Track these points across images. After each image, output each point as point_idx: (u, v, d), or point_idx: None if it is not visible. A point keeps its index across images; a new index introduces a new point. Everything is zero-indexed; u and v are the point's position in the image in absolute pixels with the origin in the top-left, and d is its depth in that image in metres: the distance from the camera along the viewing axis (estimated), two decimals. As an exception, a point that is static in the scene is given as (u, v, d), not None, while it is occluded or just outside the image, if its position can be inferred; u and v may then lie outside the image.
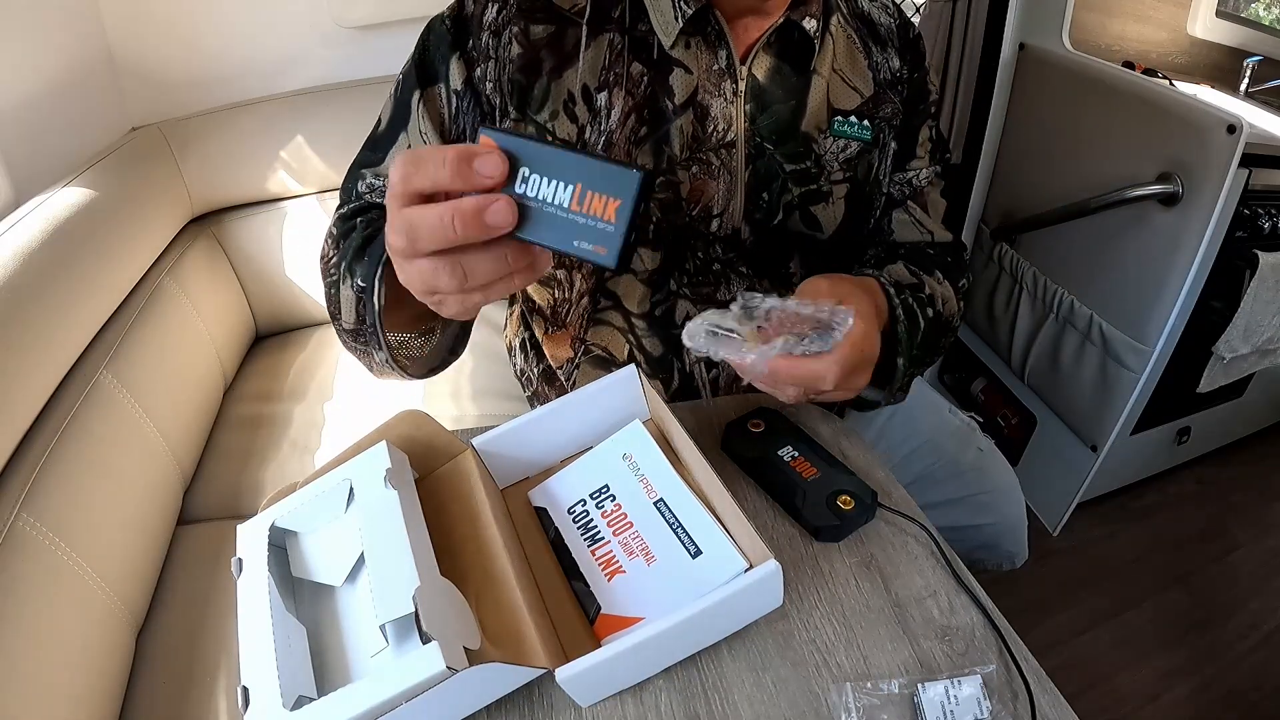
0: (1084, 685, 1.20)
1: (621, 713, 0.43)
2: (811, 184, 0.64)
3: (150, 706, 0.74)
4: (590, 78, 0.59)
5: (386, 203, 0.36)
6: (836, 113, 0.64)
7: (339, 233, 0.60)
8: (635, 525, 0.49)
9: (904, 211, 0.70)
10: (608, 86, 0.59)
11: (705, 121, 0.60)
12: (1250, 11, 1.60)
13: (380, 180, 0.62)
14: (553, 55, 0.59)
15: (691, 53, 0.59)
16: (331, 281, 0.58)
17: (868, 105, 0.65)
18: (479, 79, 0.59)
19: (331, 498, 0.48)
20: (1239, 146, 0.93)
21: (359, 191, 0.63)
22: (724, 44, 0.59)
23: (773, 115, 0.62)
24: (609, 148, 0.60)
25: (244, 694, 0.39)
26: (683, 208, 0.62)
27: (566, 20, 0.59)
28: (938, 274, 0.66)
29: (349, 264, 0.55)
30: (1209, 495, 1.55)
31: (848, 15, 0.65)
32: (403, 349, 0.57)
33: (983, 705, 0.42)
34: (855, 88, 0.65)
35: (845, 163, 0.65)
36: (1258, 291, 1.12)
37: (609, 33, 0.59)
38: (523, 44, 0.58)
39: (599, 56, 0.59)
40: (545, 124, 0.59)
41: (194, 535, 0.93)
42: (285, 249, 1.25)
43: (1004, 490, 0.83)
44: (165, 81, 1.16)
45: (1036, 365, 1.36)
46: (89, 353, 0.85)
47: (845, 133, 0.64)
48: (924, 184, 0.70)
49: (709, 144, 0.61)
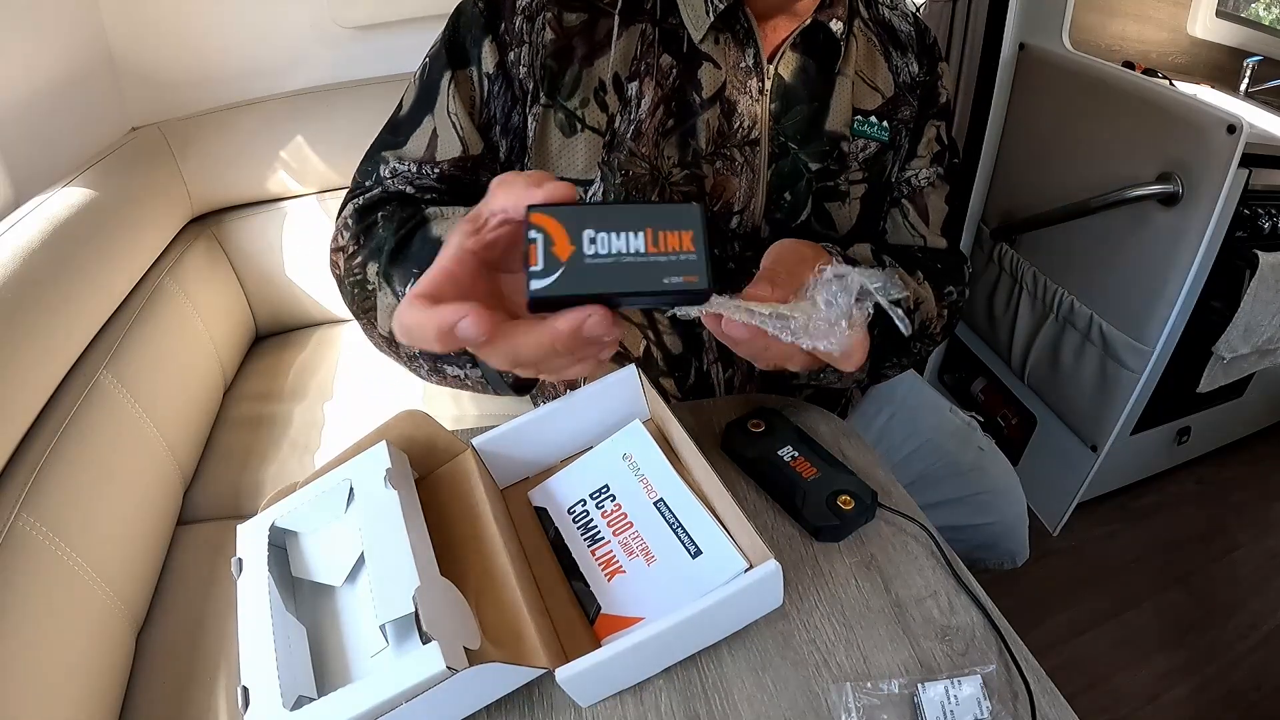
0: (1084, 685, 1.20)
1: (621, 713, 0.43)
2: (829, 181, 0.65)
3: (150, 706, 0.74)
4: (621, 67, 0.59)
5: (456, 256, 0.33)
6: (858, 112, 0.64)
7: (358, 226, 0.58)
8: (635, 525, 0.49)
9: (899, 211, 0.70)
10: (639, 76, 0.59)
11: (731, 117, 0.61)
12: (1250, 11, 1.60)
13: (404, 165, 0.60)
14: (585, 43, 0.59)
15: (720, 48, 0.60)
16: (356, 281, 0.56)
17: (887, 106, 0.66)
18: (512, 63, 0.58)
19: (331, 498, 0.48)
20: (1239, 146, 0.93)
21: (381, 175, 0.61)
22: (752, 42, 0.60)
23: (796, 115, 0.62)
24: (638, 137, 0.60)
25: (244, 694, 0.39)
26: (705, 201, 0.63)
27: (599, 10, 0.59)
28: (919, 274, 0.66)
29: (384, 269, 0.53)
30: (1209, 495, 1.55)
31: (868, 20, 0.66)
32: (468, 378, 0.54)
33: (983, 705, 0.42)
34: (876, 88, 0.65)
35: (865, 162, 0.65)
36: (1258, 291, 1.12)
37: (641, 23, 0.59)
38: (556, 30, 0.58)
39: (631, 46, 0.59)
40: (575, 110, 0.60)
41: (194, 535, 0.93)
42: (285, 249, 1.25)
43: (1004, 490, 0.83)
44: (165, 81, 1.16)
45: (1036, 365, 1.36)
46: (89, 353, 0.85)
47: (865, 132, 0.65)
48: (923, 184, 0.69)
49: (734, 140, 0.61)
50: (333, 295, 1.31)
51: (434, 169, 0.60)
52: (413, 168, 0.60)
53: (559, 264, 0.31)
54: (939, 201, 0.70)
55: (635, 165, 0.61)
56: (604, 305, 0.32)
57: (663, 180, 0.62)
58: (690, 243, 0.32)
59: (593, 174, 0.61)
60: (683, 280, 0.32)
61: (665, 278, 0.32)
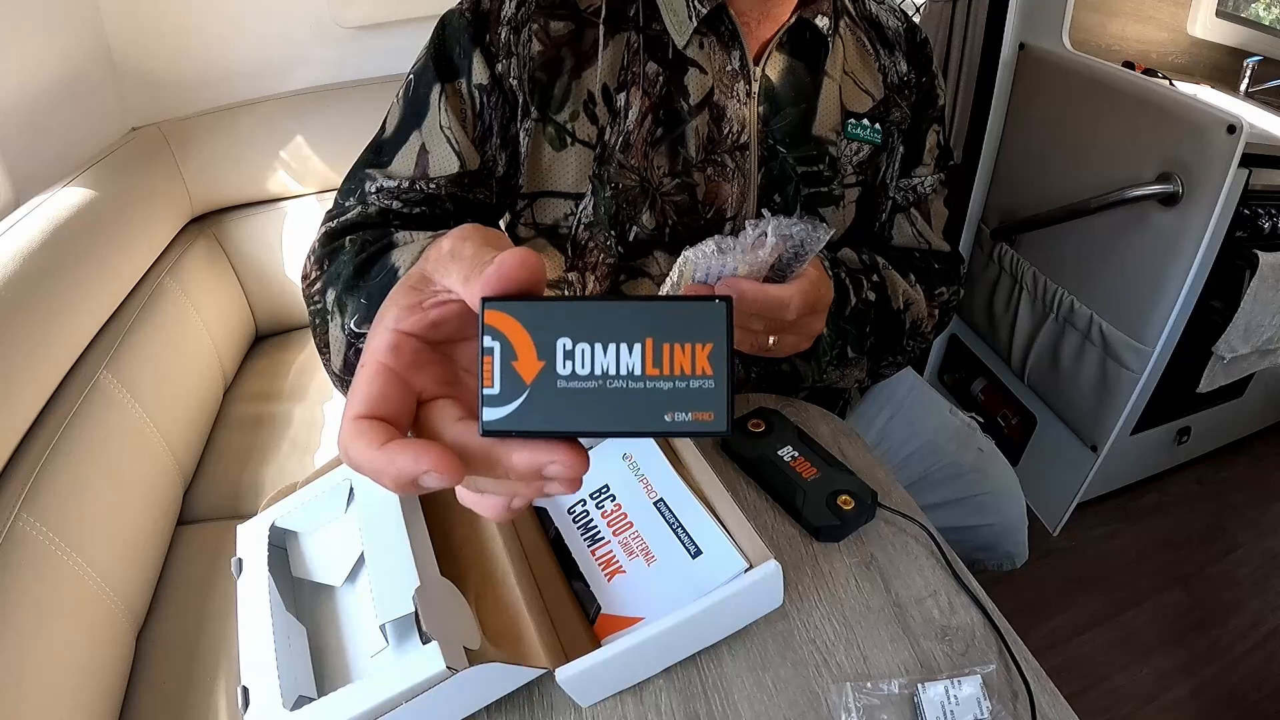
0: (1084, 685, 1.20)
1: (621, 713, 0.43)
2: (821, 187, 0.64)
3: (150, 706, 0.74)
4: (610, 77, 0.58)
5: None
6: (849, 115, 0.64)
7: (323, 251, 0.55)
8: (635, 525, 0.49)
9: (905, 218, 0.70)
10: (626, 87, 0.58)
11: (721, 123, 0.60)
12: (1250, 11, 1.60)
13: (393, 182, 0.58)
14: (573, 54, 0.58)
15: (705, 53, 0.59)
16: (317, 310, 0.53)
17: (878, 108, 0.65)
18: (502, 74, 0.57)
19: (331, 498, 0.48)
20: (1239, 146, 0.93)
21: (365, 192, 0.59)
22: (737, 44, 0.59)
23: (784, 118, 0.62)
24: (626, 149, 0.59)
25: (244, 694, 0.39)
26: (698, 210, 0.62)
27: (585, 19, 0.58)
28: (911, 277, 0.66)
29: (339, 296, 0.50)
30: (1209, 495, 1.55)
31: (856, 17, 0.65)
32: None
33: (983, 705, 0.42)
34: (867, 90, 0.65)
35: (858, 166, 0.65)
36: (1258, 291, 1.12)
37: (625, 31, 0.58)
38: (543, 41, 0.57)
39: (618, 56, 0.58)
40: (565, 124, 0.59)
41: (194, 535, 0.93)
42: (285, 249, 1.25)
43: (1004, 491, 0.83)
44: (165, 81, 1.16)
45: (1036, 365, 1.36)
46: (89, 353, 0.85)
47: (858, 135, 0.64)
48: (928, 191, 0.70)
49: (724, 146, 0.61)
50: (333, 295, 1.31)
51: (427, 184, 0.58)
52: (404, 184, 0.58)
53: (522, 387, 0.24)
54: (941, 206, 0.71)
55: (625, 177, 0.60)
56: (575, 442, 0.24)
57: (653, 191, 0.61)
58: (708, 361, 0.23)
59: (584, 187, 0.60)
60: (691, 418, 0.23)
61: (668, 414, 0.24)
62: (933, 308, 0.67)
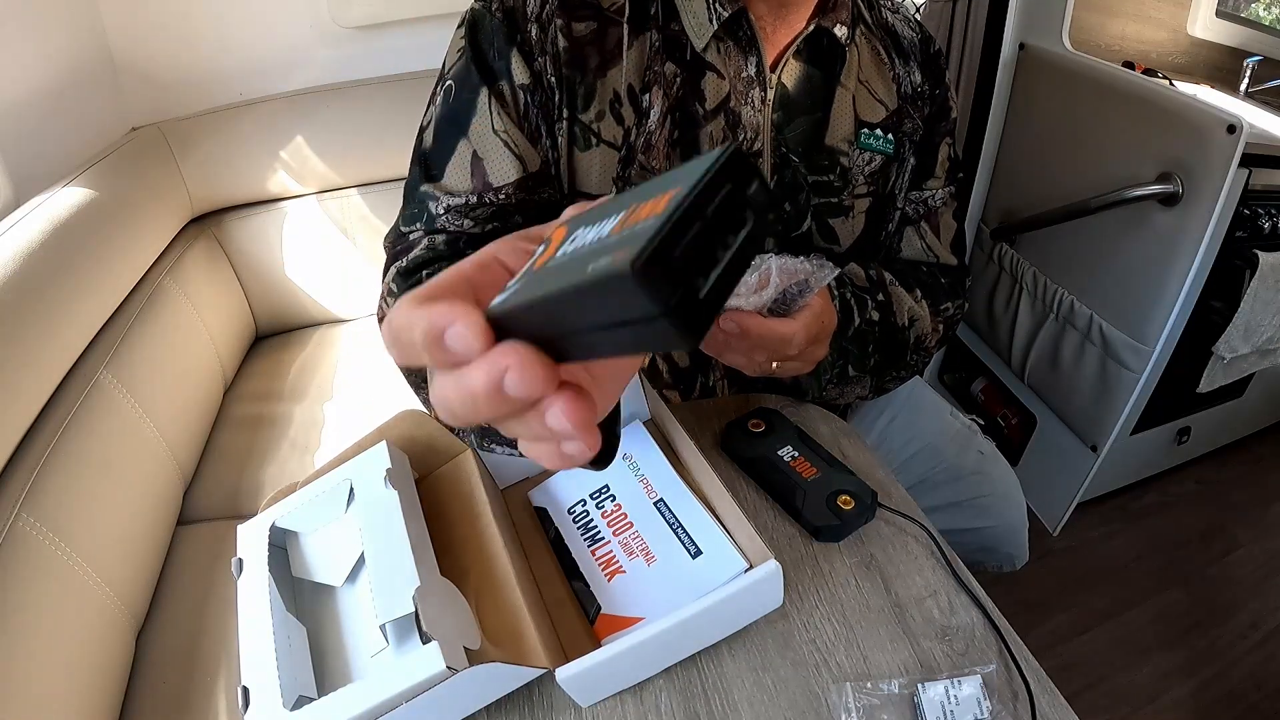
0: (1084, 685, 1.20)
1: (621, 713, 0.43)
2: (831, 197, 0.64)
3: (150, 706, 0.74)
4: (635, 77, 0.57)
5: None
6: (863, 125, 0.63)
7: (402, 290, 0.53)
8: (635, 525, 0.49)
9: (915, 232, 0.69)
10: (649, 87, 0.58)
11: (736, 130, 0.59)
12: (1250, 11, 1.60)
13: (458, 199, 0.57)
14: (597, 53, 0.57)
15: (722, 57, 0.58)
16: None
17: (892, 118, 0.65)
18: (540, 71, 0.56)
19: (331, 498, 0.48)
20: (1239, 146, 0.93)
21: (433, 214, 0.57)
22: (755, 50, 0.58)
23: (798, 127, 0.61)
24: (648, 150, 0.58)
25: (244, 694, 0.39)
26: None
27: (607, 18, 0.57)
28: (917, 292, 0.66)
29: None
30: (1209, 495, 1.55)
31: (872, 25, 0.65)
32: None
33: (983, 705, 0.42)
34: (881, 100, 0.64)
35: (870, 176, 0.65)
36: (1258, 291, 1.12)
37: (648, 30, 0.58)
38: (568, 38, 0.56)
39: (642, 55, 0.57)
40: (591, 124, 0.58)
41: (194, 535, 0.93)
42: (285, 249, 1.25)
43: (1005, 494, 0.83)
44: (165, 81, 1.16)
45: (1036, 365, 1.36)
46: (89, 353, 0.85)
47: (870, 145, 0.64)
48: (939, 204, 0.69)
49: None
50: (333, 295, 1.31)
51: (496, 195, 0.56)
52: (470, 199, 0.57)
53: (529, 271, 0.21)
54: (950, 219, 0.70)
55: (645, 179, 0.60)
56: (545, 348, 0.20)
57: None
58: (664, 205, 0.17)
59: (606, 189, 0.60)
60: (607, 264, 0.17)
61: (589, 265, 0.18)
62: (937, 322, 0.67)
